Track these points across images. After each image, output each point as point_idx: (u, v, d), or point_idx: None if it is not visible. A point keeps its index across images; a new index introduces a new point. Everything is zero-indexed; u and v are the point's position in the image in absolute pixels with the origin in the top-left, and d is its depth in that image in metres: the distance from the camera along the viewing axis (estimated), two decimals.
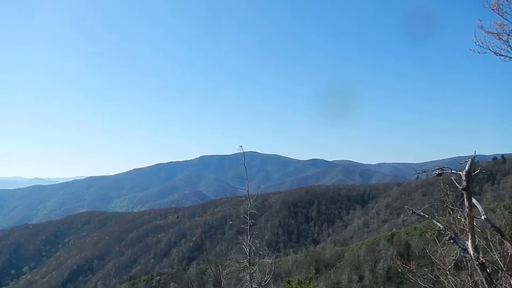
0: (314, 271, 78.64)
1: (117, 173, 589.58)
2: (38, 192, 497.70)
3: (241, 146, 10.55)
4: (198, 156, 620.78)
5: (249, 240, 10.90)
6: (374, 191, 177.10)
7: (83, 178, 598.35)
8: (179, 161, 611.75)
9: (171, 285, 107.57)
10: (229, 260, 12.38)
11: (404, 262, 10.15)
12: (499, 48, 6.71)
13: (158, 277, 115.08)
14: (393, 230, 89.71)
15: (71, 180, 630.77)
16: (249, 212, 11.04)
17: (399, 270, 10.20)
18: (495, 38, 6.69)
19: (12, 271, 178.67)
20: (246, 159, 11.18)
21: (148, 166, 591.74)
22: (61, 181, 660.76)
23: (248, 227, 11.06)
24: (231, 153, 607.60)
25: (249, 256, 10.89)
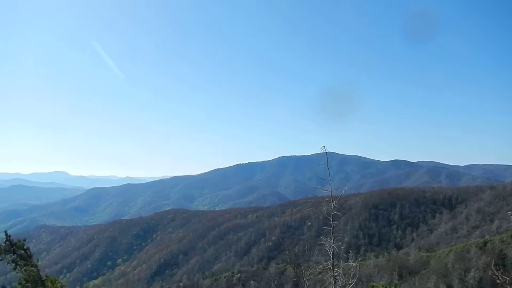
0: (397, 277, 75.16)
1: (199, 173, 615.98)
2: (129, 190, 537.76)
3: (323, 146, 10.40)
4: (277, 157, 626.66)
5: (333, 242, 10.65)
6: (464, 194, 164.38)
7: (169, 177, 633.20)
8: (258, 162, 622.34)
9: (251, 283, 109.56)
10: (311, 261, 12.27)
11: (502, 273, 9.33)
12: None
13: (238, 275, 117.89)
14: (486, 237, 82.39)
15: (158, 179, 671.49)
16: (332, 213, 10.81)
17: (498, 281, 9.36)
18: None
19: (108, 263, 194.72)
20: (325, 160, 11.03)
21: (228, 167, 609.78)
22: (150, 180, 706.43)
23: (331, 228, 10.82)
24: (309, 154, 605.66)
25: (333, 259, 10.67)
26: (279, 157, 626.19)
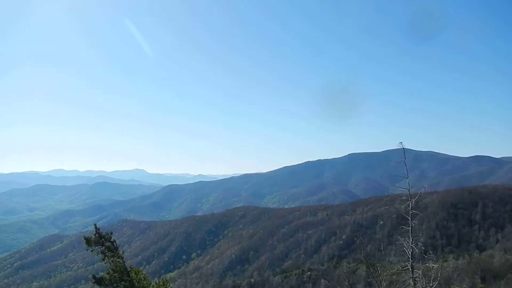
0: (479, 281, 70.21)
1: (269, 170, 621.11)
2: (202, 187, 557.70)
3: (401, 142, 10.02)
4: (346, 154, 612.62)
5: (411, 241, 10.24)
6: None
7: (239, 175, 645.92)
8: (327, 159, 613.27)
9: (322, 281, 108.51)
10: (388, 261, 11.85)
11: None
12: None
13: (309, 273, 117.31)
14: None
15: (229, 177, 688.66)
16: (410, 212, 10.38)
17: None
18: None
19: (183, 257, 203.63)
20: (398, 156, 10.64)
21: (298, 164, 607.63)
22: (221, 178, 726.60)
23: (409, 228, 10.40)
24: (380, 150, 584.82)
25: (411, 259, 10.25)
26: (349, 154, 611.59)
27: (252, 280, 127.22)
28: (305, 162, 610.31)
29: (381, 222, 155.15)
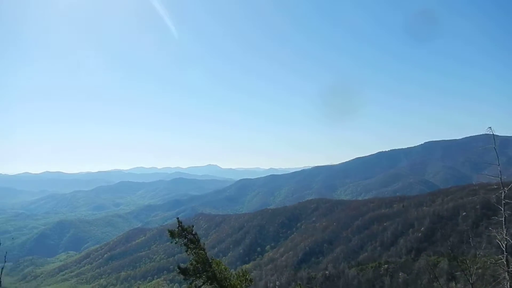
0: None
1: (341, 162, 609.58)
2: (273, 180, 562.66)
3: (490, 127, 9.26)
4: (422, 142, 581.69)
5: (505, 233, 9.45)
6: None
7: (310, 167, 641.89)
8: (401, 148, 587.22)
9: (400, 275, 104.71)
10: (478, 254, 11.10)
11: None
12: None
13: (386, 266, 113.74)
14: None
15: (300, 169, 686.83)
16: (503, 202, 9.57)
17: None
18: None
19: (258, 249, 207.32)
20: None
21: (370, 155, 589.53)
22: (292, 171, 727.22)
23: (503, 219, 9.60)
24: (460, 137, 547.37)
25: (506, 252, 9.46)
26: (425, 142, 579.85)
27: (327, 272, 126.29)
28: (378, 152, 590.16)
29: (464, 213, 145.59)
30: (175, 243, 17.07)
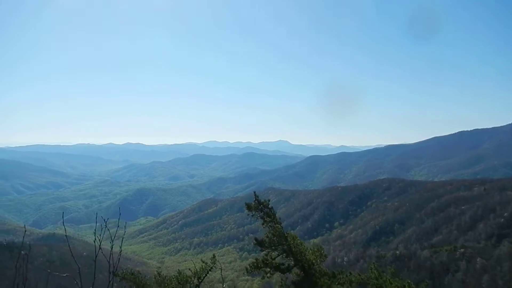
0: None
1: (416, 141, 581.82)
2: (344, 158, 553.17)
3: None
4: (510, 122, 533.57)
5: None
6: None
7: (383, 146, 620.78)
8: (485, 128, 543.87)
9: (477, 260, 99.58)
10: None
11: None
12: None
13: (462, 250, 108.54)
14: None
15: (372, 148, 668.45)
16: None
17: None
18: None
19: (326, 225, 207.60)
20: None
21: (449, 134, 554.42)
22: (364, 149, 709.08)
23: None
24: None
25: None
26: None
27: (397, 252, 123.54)
28: (459, 132, 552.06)
29: None
30: (252, 215, 17.36)
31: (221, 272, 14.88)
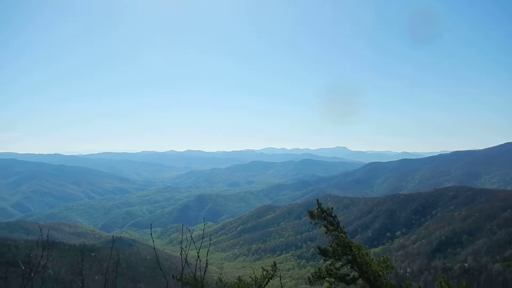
0: None
1: (485, 147, 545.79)
2: (406, 165, 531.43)
3: None
4: None
5: None
6: None
7: (449, 152, 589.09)
8: None
9: None
10: None
11: None
12: None
13: None
14: None
15: (437, 154, 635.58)
16: None
17: None
18: None
19: (388, 234, 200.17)
20: None
21: None
22: (427, 155, 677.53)
23: None
24: None
25: None
26: None
27: (466, 265, 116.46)
28: None
29: None
30: (314, 224, 17.03)
31: (280, 279, 14.80)
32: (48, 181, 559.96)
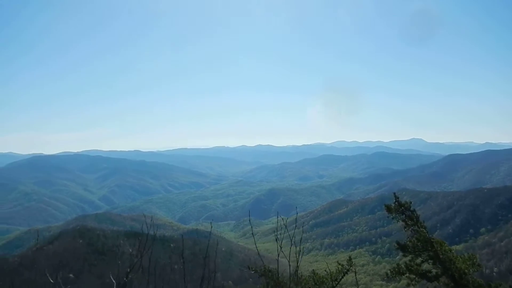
0: None
1: None
2: (490, 156, 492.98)
3: None
4: None
5: None
6: None
7: None
8: None
9: None
10: None
11: None
12: None
13: None
14: None
15: None
16: None
17: None
18: None
19: (470, 230, 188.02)
20: None
21: None
22: None
23: None
24: None
25: None
26: None
27: None
28: None
29: None
30: (392, 218, 16.49)
31: (355, 275, 14.66)
32: (130, 176, 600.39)
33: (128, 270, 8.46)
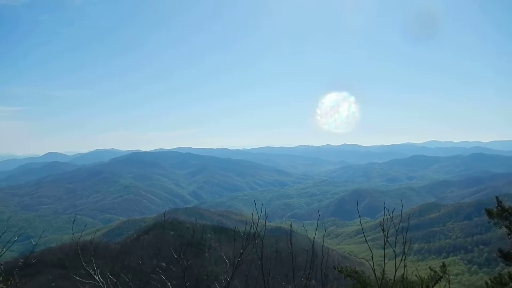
0: None
1: None
2: None
3: None
4: None
5: None
6: None
7: None
8: None
9: None
10: None
11: None
12: None
13: None
14: None
15: None
16: None
17: None
18: None
19: None
20: None
21: None
22: None
23: None
24: None
25: None
26: None
27: None
28: None
29: None
30: (494, 224, 15.35)
31: (448, 284, 13.90)
32: (217, 172, 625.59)
33: (241, 251, 8.86)
